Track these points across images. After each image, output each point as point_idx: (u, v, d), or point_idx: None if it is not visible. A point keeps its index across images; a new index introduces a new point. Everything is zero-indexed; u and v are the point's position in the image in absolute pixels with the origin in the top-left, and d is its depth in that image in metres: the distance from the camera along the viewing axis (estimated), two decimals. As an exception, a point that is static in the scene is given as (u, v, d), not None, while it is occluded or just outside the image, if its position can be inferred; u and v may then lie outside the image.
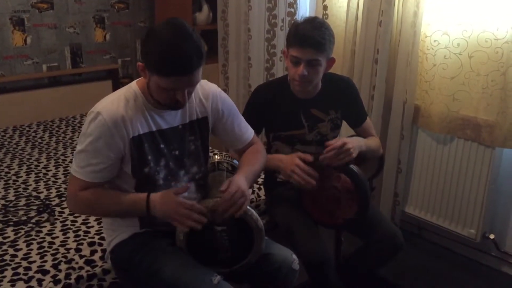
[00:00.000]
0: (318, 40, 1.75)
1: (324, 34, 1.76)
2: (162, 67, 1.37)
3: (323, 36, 1.76)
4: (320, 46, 1.76)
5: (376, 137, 2.05)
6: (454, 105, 2.41)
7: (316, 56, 1.77)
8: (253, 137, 1.77)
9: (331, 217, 1.87)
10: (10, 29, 3.18)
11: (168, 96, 1.44)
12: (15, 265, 1.70)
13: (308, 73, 1.80)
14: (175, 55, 1.36)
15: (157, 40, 1.37)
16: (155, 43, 1.38)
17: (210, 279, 1.43)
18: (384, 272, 2.32)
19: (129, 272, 1.58)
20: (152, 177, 1.55)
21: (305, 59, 1.77)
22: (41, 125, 3.20)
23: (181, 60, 1.36)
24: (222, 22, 3.45)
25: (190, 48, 1.36)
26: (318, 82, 1.91)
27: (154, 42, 1.38)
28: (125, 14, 3.67)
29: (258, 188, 2.25)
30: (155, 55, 1.37)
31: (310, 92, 1.93)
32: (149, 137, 1.52)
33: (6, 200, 2.17)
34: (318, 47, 1.76)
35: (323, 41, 1.76)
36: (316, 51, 1.76)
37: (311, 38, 1.74)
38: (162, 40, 1.36)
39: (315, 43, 1.75)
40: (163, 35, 1.37)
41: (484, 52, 2.26)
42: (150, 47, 1.39)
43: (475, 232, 2.46)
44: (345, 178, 1.79)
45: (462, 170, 2.47)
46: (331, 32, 1.81)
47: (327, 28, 1.79)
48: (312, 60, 1.78)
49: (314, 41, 1.74)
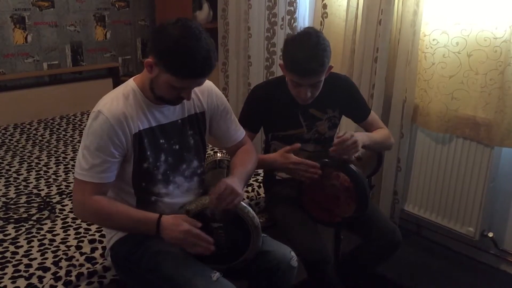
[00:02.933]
0: (318, 68, 1.73)
1: (322, 57, 1.72)
2: (181, 70, 1.39)
3: (321, 62, 1.73)
4: (320, 72, 1.75)
5: (384, 129, 2.04)
6: (452, 104, 2.41)
7: (317, 79, 1.78)
8: (244, 137, 1.78)
9: (330, 215, 1.88)
10: (11, 27, 3.18)
11: (174, 93, 1.46)
12: (16, 262, 1.70)
13: (311, 93, 1.81)
14: (196, 59, 1.37)
15: (175, 41, 1.37)
16: (173, 44, 1.37)
17: (209, 276, 1.44)
18: (383, 270, 2.33)
19: (128, 269, 1.59)
20: (151, 172, 1.55)
21: (307, 84, 1.78)
22: (42, 123, 3.21)
23: (201, 64, 1.38)
24: (222, 21, 3.46)
25: (208, 52, 1.39)
26: None
27: (172, 43, 1.37)
28: (126, 12, 3.68)
29: (258, 186, 2.26)
30: (173, 57, 1.37)
31: None
32: (149, 133, 1.53)
33: (7, 198, 2.18)
34: (318, 73, 1.75)
35: (322, 67, 1.74)
36: (317, 76, 1.76)
37: (310, 68, 1.72)
38: (181, 43, 1.36)
39: (315, 71, 1.74)
40: (181, 37, 1.37)
41: (482, 51, 2.26)
42: (167, 47, 1.38)
43: (474, 230, 2.47)
44: (344, 176, 1.80)
45: (461, 168, 2.47)
46: (327, 48, 1.76)
47: (323, 48, 1.73)
48: (314, 83, 1.79)
49: (313, 70, 1.73)
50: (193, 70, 1.40)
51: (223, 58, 3.55)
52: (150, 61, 1.43)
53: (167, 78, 1.42)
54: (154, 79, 1.46)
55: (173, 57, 1.38)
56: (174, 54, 1.38)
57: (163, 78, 1.43)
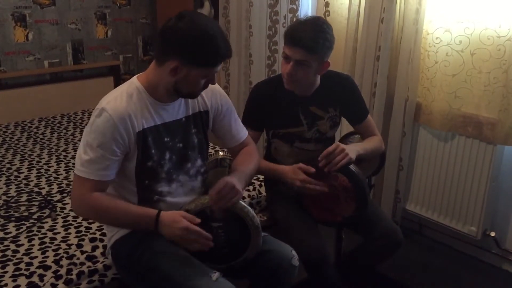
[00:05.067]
0: (309, 42, 1.73)
1: (317, 37, 1.74)
2: (214, 57, 1.44)
3: (315, 39, 1.73)
4: (310, 48, 1.74)
5: (376, 136, 2.02)
6: (455, 102, 2.40)
7: (305, 57, 1.76)
8: (246, 138, 1.78)
9: (331, 215, 1.87)
10: (12, 25, 3.18)
11: (203, 84, 1.50)
12: (16, 261, 1.70)
13: (296, 72, 1.79)
14: (220, 42, 1.42)
15: (195, 35, 1.40)
16: (196, 38, 1.40)
17: (208, 276, 1.44)
18: (385, 269, 2.32)
19: (129, 268, 1.58)
20: (155, 170, 1.55)
21: (294, 58, 1.77)
22: (43, 121, 3.20)
23: (225, 44, 1.44)
24: (223, 19, 3.45)
25: (222, 32, 1.46)
26: (309, 82, 1.89)
27: (194, 38, 1.40)
28: (127, 10, 3.67)
29: (259, 185, 2.25)
30: (202, 50, 1.41)
31: (308, 89, 1.92)
32: (153, 131, 1.52)
33: (8, 196, 2.18)
34: (308, 49, 1.74)
35: (315, 44, 1.74)
36: (306, 52, 1.74)
37: (302, 38, 1.73)
38: (201, 34, 1.41)
39: (305, 44, 1.73)
40: (197, 29, 1.41)
41: (486, 50, 2.25)
42: (191, 44, 1.40)
43: (476, 229, 2.46)
44: (343, 176, 1.79)
45: (463, 167, 2.47)
46: (329, 36, 1.77)
47: (324, 32, 1.76)
48: (301, 60, 1.77)
49: (304, 42, 1.73)
50: (223, 53, 1.45)
51: (224, 56, 3.54)
52: (175, 65, 1.43)
53: (198, 72, 1.45)
54: (181, 80, 1.46)
55: (201, 50, 1.41)
56: (201, 47, 1.41)
57: (194, 73, 1.45)
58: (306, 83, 1.89)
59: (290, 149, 1.99)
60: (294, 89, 1.89)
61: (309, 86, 1.91)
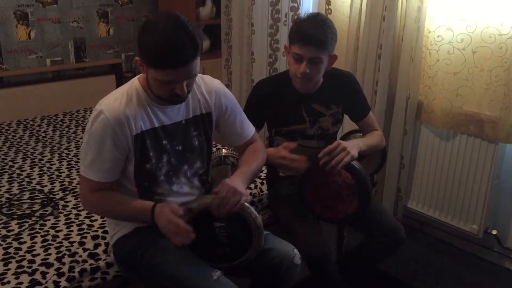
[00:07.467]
0: (320, 38, 1.76)
1: (326, 32, 1.77)
2: (157, 59, 1.37)
3: (325, 34, 1.76)
4: (322, 44, 1.77)
5: (377, 131, 2.03)
6: (457, 100, 2.40)
7: (318, 54, 1.78)
8: (253, 135, 1.77)
9: (333, 212, 1.87)
10: (14, 23, 3.18)
11: (167, 89, 1.43)
12: (19, 258, 1.71)
13: (310, 70, 1.81)
14: (168, 46, 1.34)
15: (151, 32, 1.36)
16: (149, 35, 1.36)
17: (210, 275, 1.44)
18: (386, 267, 2.32)
19: (131, 266, 1.59)
20: (153, 173, 1.55)
21: (307, 56, 1.78)
22: (45, 119, 3.21)
23: (175, 51, 1.34)
24: (225, 17, 3.45)
25: (184, 38, 1.34)
26: (319, 79, 1.91)
27: (148, 35, 1.37)
28: (129, 8, 3.67)
29: (261, 183, 2.25)
30: (149, 48, 1.37)
31: (311, 87, 1.93)
32: (151, 134, 1.52)
33: (11, 194, 2.19)
34: (320, 45, 1.76)
35: (325, 39, 1.77)
36: (318, 49, 1.77)
37: (313, 36, 1.75)
38: (156, 32, 1.35)
39: (317, 41, 1.76)
40: (156, 28, 1.36)
41: (487, 48, 2.25)
42: (144, 40, 1.38)
43: (477, 227, 2.47)
44: (346, 173, 1.79)
45: (465, 165, 2.46)
46: (334, 30, 1.81)
47: (330, 26, 1.80)
48: (314, 58, 1.78)
49: (316, 39, 1.75)
50: (168, 58, 1.35)
51: (226, 55, 3.55)
52: (138, 60, 1.44)
53: (152, 73, 1.41)
54: (147, 77, 1.46)
55: (149, 49, 1.37)
56: (149, 46, 1.36)
57: (150, 74, 1.42)
58: (318, 80, 1.91)
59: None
60: (307, 88, 1.90)
61: (313, 84, 1.92)
